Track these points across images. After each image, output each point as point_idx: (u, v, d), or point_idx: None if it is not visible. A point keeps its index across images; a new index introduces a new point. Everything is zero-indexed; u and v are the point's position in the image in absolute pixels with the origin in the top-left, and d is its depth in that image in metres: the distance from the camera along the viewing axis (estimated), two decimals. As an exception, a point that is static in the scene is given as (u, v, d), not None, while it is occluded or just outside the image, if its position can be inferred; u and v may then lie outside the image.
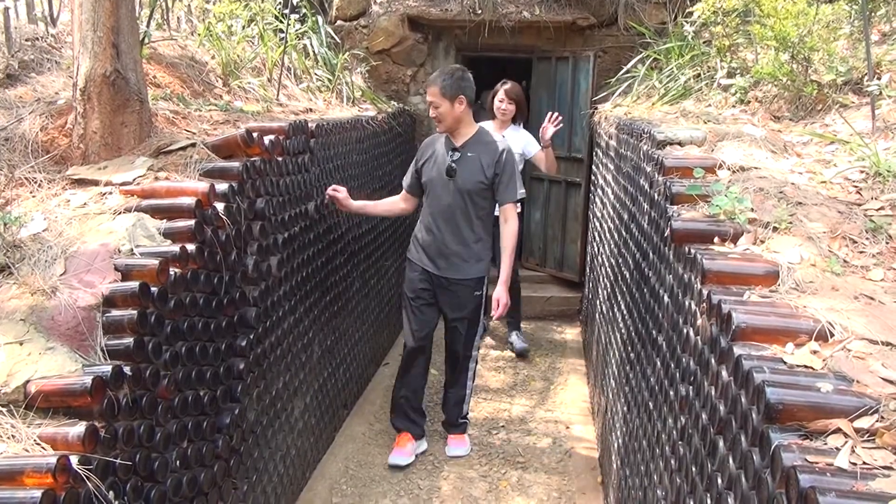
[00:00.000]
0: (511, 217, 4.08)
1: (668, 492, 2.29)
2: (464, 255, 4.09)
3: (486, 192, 4.03)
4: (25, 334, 2.15)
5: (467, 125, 4.03)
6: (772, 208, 2.23)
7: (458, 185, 3.98)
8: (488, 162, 3.97)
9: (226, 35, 5.04)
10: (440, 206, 4.05)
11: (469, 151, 3.99)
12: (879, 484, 1.20)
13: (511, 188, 4.04)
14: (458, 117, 3.95)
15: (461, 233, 4.06)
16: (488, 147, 4.01)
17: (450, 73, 3.91)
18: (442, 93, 3.87)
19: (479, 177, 3.98)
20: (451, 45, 7.19)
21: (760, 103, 3.96)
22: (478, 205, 4.04)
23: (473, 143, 4.01)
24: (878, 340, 1.57)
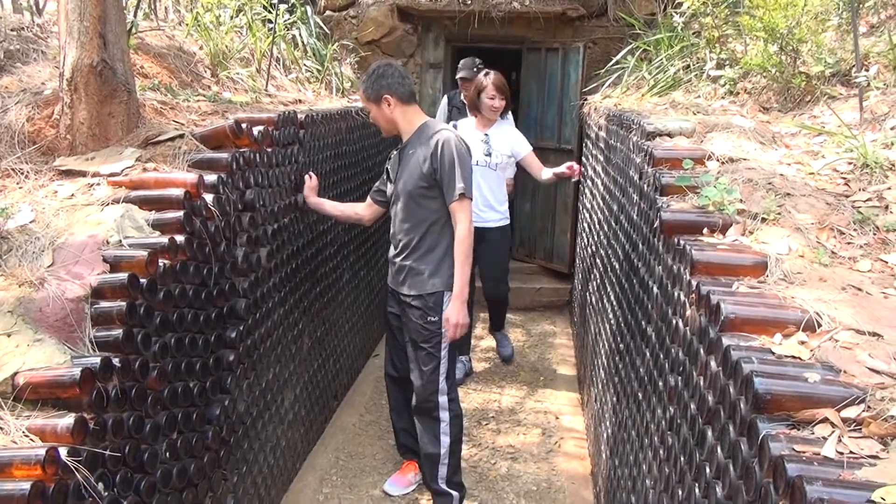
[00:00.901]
0: (460, 219, 3.40)
1: (657, 481, 2.31)
2: (417, 268, 3.52)
3: (430, 192, 3.42)
4: (13, 326, 2.14)
5: (407, 122, 3.49)
6: (760, 199, 2.24)
7: (399, 187, 3.50)
8: (425, 156, 3.37)
9: (214, 25, 5.01)
10: (393, 214, 3.60)
11: (410, 149, 3.49)
12: (866, 473, 1.22)
13: (451, 182, 3.35)
14: (391, 119, 3.46)
15: (413, 243, 3.51)
16: (427, 139, 3.41)
17: (369, 73, 3.42)
18: (366, 97, 3.44)
19: (416, 174, 3.41)
20: (441, 36, 7.17)
21: (749, 94, 3.98)
22: (427, 208, 3.45)
23: (415, 140, 3.48)
24: (866, 331, 1.58)
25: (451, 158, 3.34)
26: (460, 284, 3.44)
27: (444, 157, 3.34)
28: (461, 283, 3.44)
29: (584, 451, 4.39)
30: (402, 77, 3.42)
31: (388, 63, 3.47)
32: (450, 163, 3.34)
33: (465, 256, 3.42)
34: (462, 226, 3.39)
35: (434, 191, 3.42)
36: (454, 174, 3.35)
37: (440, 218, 3.46)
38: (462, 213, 3.39)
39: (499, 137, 5.00)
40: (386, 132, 3.56)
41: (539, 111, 7.05)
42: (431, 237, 3.48)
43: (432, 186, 3.40)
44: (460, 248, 3.41)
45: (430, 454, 3.66)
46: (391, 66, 3.44)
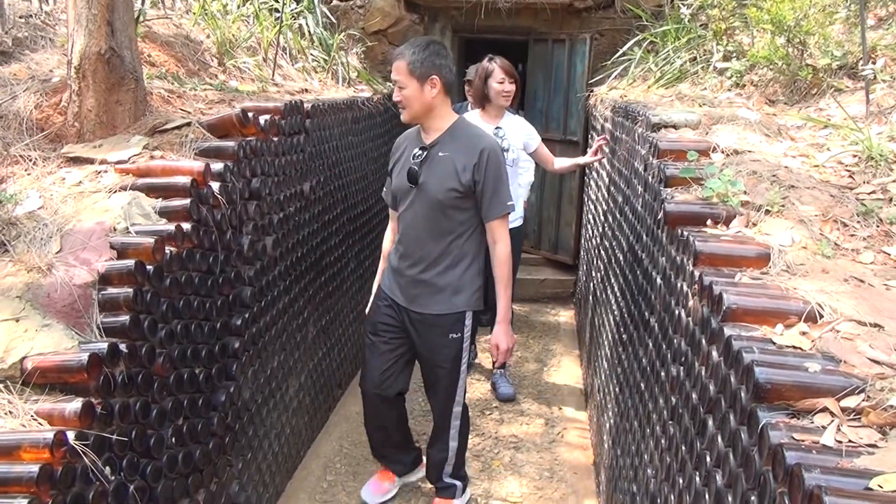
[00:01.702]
0: (500, 237, 3.14)
1: (658, 470, 2.33)
2: (437, 284, 3.17)
3: (462, 203, 3.08)
4: (21, 311, 2.16)
5: (441, 116, 3.09)
6: (764, 191, 2.25)
7: (425, 194, 3.09)
8: (464, 164, 3.02)
9: (221, 14, 5.02)
10: (407, 222, 3.19)
11: (441, 150, 3.06)
12: (864, 461, 1.23)
13: (497, 199, 3.07)
14: (429, 104, 3.02)
15: (432, 256, 3.16)
16: (466, 143, 3.05)
17: (422, 46, 2.97)
18: (410, 70, 2.95)
19: (452, 183, 3.03)
20: (448, 27, 7.16)
21: (756, 87, 3.97)
22: (454, 220, 3.11)
23: (447, 139, 3.08)
24: (867, 322, 1.59)
25: (497, 171, 3.06)
26: (504, 307, 3.21)
27: (489, 170, 3.03)
28: (504, 305, 3.21)
29: (586, 441, 4.41)
30: (452, 66, 3.07)
31: (441, 43, 3.08)
32: (496, 176, 3.06)
33: (507, 278, 3.19)
34: (502, 245, 3.15)
35: (467, 202, 3.09)
36: (500, 189, 3.07)
37: (467, 230, 3.15)
38: (502, 232, 3.14)
39: (512, 129, 4.59)
40: (410, 116, 3.07)
41: (545, 102, 7.05)
42: (456, 251, 3.15)
43: (466, 197, 3.07)
44: (501, 270, 3.17)
45: (437, 460, 3.57)
46: (444, 46, 3.06)
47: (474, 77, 4.65)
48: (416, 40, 3.01)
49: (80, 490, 1.93)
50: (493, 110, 4.54)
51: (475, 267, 3.21)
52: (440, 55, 2.99)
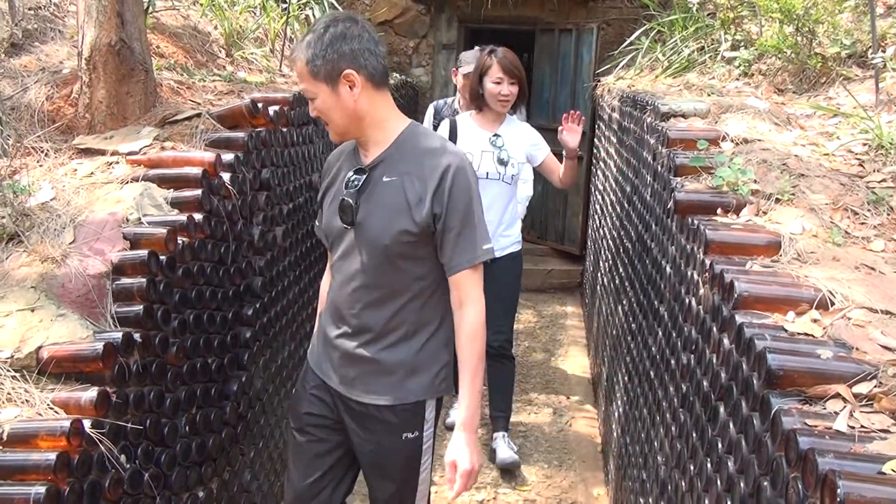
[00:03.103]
0: (470, 298, 2.13)
1: (669, 457, 2.34)
2: (384, 362, 2.19)
3: (418, 249, 2.11)
4: (36, 301, 2.18)
5: (380, 124, 2.12)
6: (774, 180, 2.26)
7: (365, 237, 2.12)
8: (419, 192, 2.06)
9: (228, 5, 5.02)
10: (342, 275, 2.22)
11: (386, 173, 2.10)
12: (877, 446, 1.24)
13: (467, 241, 2.08)
14: (354, 112, 2.06)
15: (378, 325, 2.19)
16: (422, 161, 2.09)
17: (319, 33, 2.02)
18: (312, 71, 2.02)
19: (402, 221, 2.06)
20: (454, 17, 7.16)
21: (764, 76, 3.96)
22: (408, 273, 2.14)
23: (394, 157, 2.11)
24: (878, 309, 1.60)
25: (466, 200, 2.07)
26: (470, 407, 2.12)
27: (455, 198, 2.05)
28: (472, 404, 2.13)
29: (595, 430, 4.43)
30: (374, 43, 2.06)
31: (351, 17, 2.07)
32: (465, 208, 2.06)
33: (477, 360, 2.13)
34: (473, 311, 2.12)
35: (425, 247, 2.11)
36: (470, 226, 2.08)
37: (428, 287, 2.17)
38: (475, 290, 2.13)
39: (514, 139, 3.76)
40: (340, 135, 2.16)
41: (552, 93, 7.04)
42: (411, 317, 2.18)
43: (424, 240, 2.09)
44: (470, 349, 2.12)
45: None
46: (356, 21, 2.05)
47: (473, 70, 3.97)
48: (314, 26, 2.06)
49: (97, 477, 1.95)
50: (490, 114, 3.75)
51: (440, 337, 2.22)
52: (348, 37, 2.00)
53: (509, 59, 3.64)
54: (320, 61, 2.00)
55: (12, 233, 2.37)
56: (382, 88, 2.10)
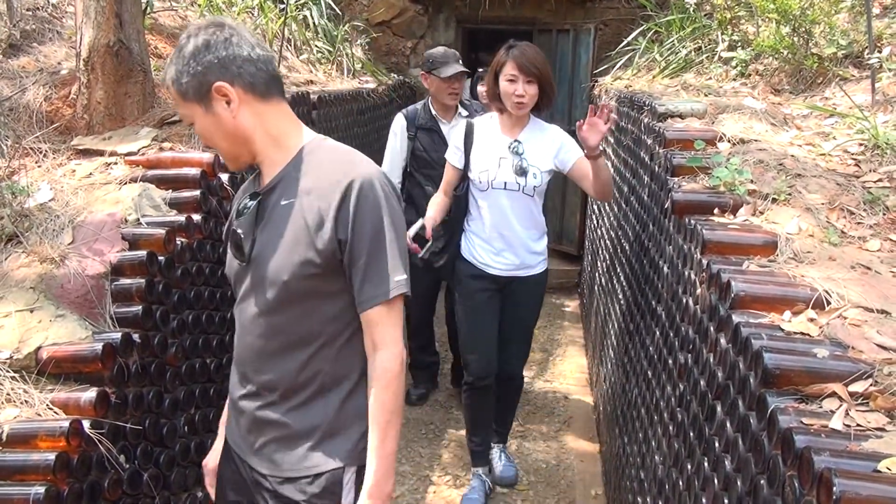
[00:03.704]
0: (384, 340, 1.70)
1: (666, 456, 2.35)
2: (294, 427, 1.77)
3: (327, 282, 1.70)
4: (36, 302, 2.19)
5: (271, 140, 1.73)
6: (771, 180, 2.27)
7: (260, 274, 1.72)
8: (320, 213, 1.66)
9: (226, 6, 5.03)
10: (242, 321, 1.81)
11: (283, 195, 1.72)
12: (872, 444, 1.25)
13: (376, 269, 1.68)
14: (235, 131, 1.69)
15: (284, 382, 1.77)
16: (323, 177, 1.70)
17: (179, 49, 1.67)
18: (180, 92, 1.67)
19: (302, 249, 1.68)
20: (452, 17, 7.17)
21: (761, 76, 3.97)
22: (316, 314, 1.73)
23: (291, 176, 1.73)
24: (874, 308, 1.61)
25: (376, 222, 1.66)
26: (378, 472, 1.69)
27: (362, 218, 1.65)
28: (380, 469, 1.69)
29: (592, 430, 4.44)
30: (250, 47, 1.68)
31: (216, 23, 1.69)
32: (375, 231, 1.66)
33: (390, 415, 1.70)
34: (388, 355, 1.69)
35: (335, 281, 1.70)
36: (383, 254, 1.67)
37: (343, 330, 1.75)
38: (390, 330, 1.69)
39: (537, 146, 3.26)
40: (231, 160, 1.78)
41: (549, 93, 7.05)
42: (325, 367, 1.75)
43: (331, 272, 1.68)
44: (382, 399, 1.69)
45: None
46: (222, 26, 1.67)
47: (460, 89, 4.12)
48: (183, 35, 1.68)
49: (96, 478, 1.96)
50: (511, 117, 3.28)
51: (363, 391, 1.76)
52: (213, 45, 1.63)
53: (528, 55, 3.14)
54: (186, 78, 1.63)
55: (11, 233, 2.38)
56: (271, 99, 1.70)
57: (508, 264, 3.35)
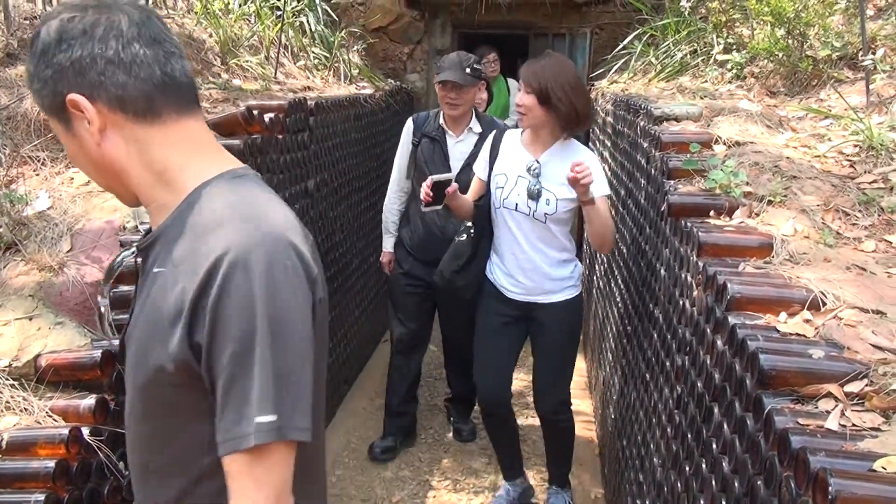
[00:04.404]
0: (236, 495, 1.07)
1: (665, 458, 2.35)
2: None
3: (193, 395, 1.12)
4: (34, 310, 2.19)
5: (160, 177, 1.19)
6: (767, 182, 2.28)
7: (126, 360, 1.26)
8: (178, 300, 1.09)
9: (222, 13, 5.04)
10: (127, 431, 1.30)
11: (159, 258, 1.18)
12: (868, 444, 1.26)
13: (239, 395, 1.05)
14: (102, 161, 1.18)
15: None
16: (197, 240, 1.11)
17: (31, 45, 1.18)
18: (39, 104, 1.21)
19: (157, 348, 1.12)
20: (448, 22, 7.18)
21: (756, 79, 3.99)
22: (183, 436, 1.18)
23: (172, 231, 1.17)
24: (869, 309, 1.62)
25: (246, 326, 1.06)
26: None
27: (228, 316, 1.06)
28: None
29: (592, 434, 4.44)
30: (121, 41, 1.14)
31: (80, 5, 1.15)
32: (240, 339, 1.06)
33: None
34: None
35: (201, 395, 1.12)
36: (248, 376, 1.06)
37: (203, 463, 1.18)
38: (251, 488, 1.07)
39: (559, 170, 2.93)
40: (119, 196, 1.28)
41: (546, 97, 7.07)
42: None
43: (192, 384, 1.12)
44: None
45: None
46: (87, 9, 1.14)
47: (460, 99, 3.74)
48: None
49: (96, 485, 1.97)
50: (537, 134, 3.05)
51: None
52: (67, 39, 1.13)
53: (535, 66, 2.98)
54: (37, 84, 1.17)
55: (10, 242, 2.39)
56: (158, 119, 1.17)
57: (521, 289, 3.16)
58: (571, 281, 3.20)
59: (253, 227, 1.11)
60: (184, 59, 1.22)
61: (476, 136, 3.78)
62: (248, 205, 1.16)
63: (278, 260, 1.10)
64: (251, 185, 1.22)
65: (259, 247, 1.09)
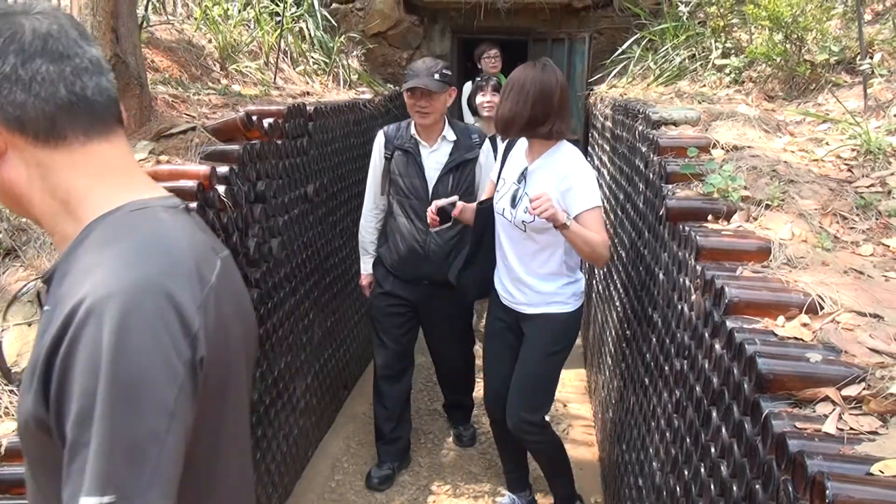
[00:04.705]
0: None
1: (664, 463, 2.35)
2: None
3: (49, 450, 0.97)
4: (34, 315, 2.19)
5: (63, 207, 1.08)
6: (764, 186, 2.28)
7: None
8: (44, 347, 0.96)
9: (222, 19, 5.06)
10: None
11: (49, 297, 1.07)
12: (865, 448, 1.26)
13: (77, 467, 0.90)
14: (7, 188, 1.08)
15: None
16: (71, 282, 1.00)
17: None
18: None
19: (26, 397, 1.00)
20: (447, 28, 7.20)
21: (755, 83, 4.00)
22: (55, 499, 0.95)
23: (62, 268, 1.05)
24: (867, 313, 1.62)
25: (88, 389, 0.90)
26: None
27: (70, 376, 0.92)
28: None
29: (591, 438, 4.44)
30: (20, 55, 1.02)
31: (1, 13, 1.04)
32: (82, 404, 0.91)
33: None
34: None
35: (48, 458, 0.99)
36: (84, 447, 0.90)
37: None
38: None
39: (545, 179, 2.86)
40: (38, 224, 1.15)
41: (545, 102, 7.09)
42: None
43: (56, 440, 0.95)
44: None
45: None
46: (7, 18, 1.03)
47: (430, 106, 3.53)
48: None
49: (95, 490, 1.96)
50: (535, 144, 2.98)
51: None
52: None
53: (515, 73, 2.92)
54: None
55: (9, 247, 2.39)
56: (64, 142, 1.06)
57: (510, 296, 3.13)
58: (559, 297, 3.01)
59: (124, 271, 0.97)
60: (102, 75, 1.10)
61: (451, 144, 3.62)
62: (134, 244, 1.03)
63: (141, 311, 0.94)
64: (156, 219, 1.08)
65: (121, 294, 0.94)
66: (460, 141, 3.62)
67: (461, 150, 3.62)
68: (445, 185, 3.53)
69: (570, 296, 3.03)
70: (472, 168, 3.65)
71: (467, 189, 3.60)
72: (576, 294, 3.06)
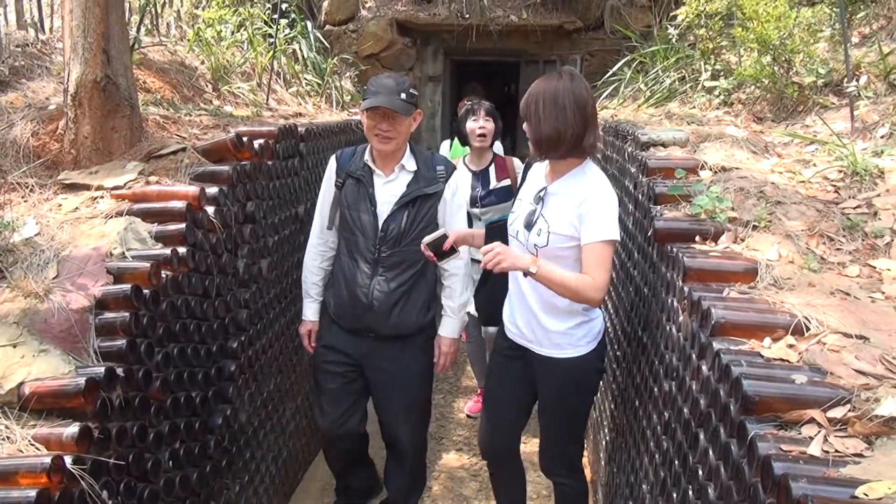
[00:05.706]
0: None
1: (654, 485, 2.34)
2: None
3: None
4: (19, 337, 2.18)
5: None
6: (752, 207, 2.29)
7: None
8: None
9: (215, 40, 5.08)
10: None
11: None
12: (850, 470, 1.25)
13: None
14: None
15: None
16: None
17: None
18: None
19: None
20: (440, 50, 7.25)
21: (743, 105, 4.03)
22: None
23: None
24: (852, 334, 1.62)
25: None
26: None
27: None
28: None
29: (584, 460, 4.41)
30: None
31: None
32: None
33: None
34: None
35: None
36: None
37: None
38: None
39: (563, 202, 2.56)
40: None
41: (537, 123, 7.12)
42: None
43: None
44: None
45: None
46: None
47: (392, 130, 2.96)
48: None
49: (78, 514, 1.94)
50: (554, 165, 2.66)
51: None
52: None
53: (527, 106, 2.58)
54: None
55: (-5, 268, 2.38)
56: None
57: (516, 329, 2.83)
58: (568, 339, 2.69)
59: None
60: None
61: (410, 174, 3.07)
62: None
63: None
64: None
65: None
66: (421, 172, 3.07)
67: (420, 182, 3.04)
68: (398, 223, 3.00)
69: (582, 337, 2.69)
70: (433, 205, 3.05)
71: (424, 229, 2.96)
72: (588, 336, 2.71)
